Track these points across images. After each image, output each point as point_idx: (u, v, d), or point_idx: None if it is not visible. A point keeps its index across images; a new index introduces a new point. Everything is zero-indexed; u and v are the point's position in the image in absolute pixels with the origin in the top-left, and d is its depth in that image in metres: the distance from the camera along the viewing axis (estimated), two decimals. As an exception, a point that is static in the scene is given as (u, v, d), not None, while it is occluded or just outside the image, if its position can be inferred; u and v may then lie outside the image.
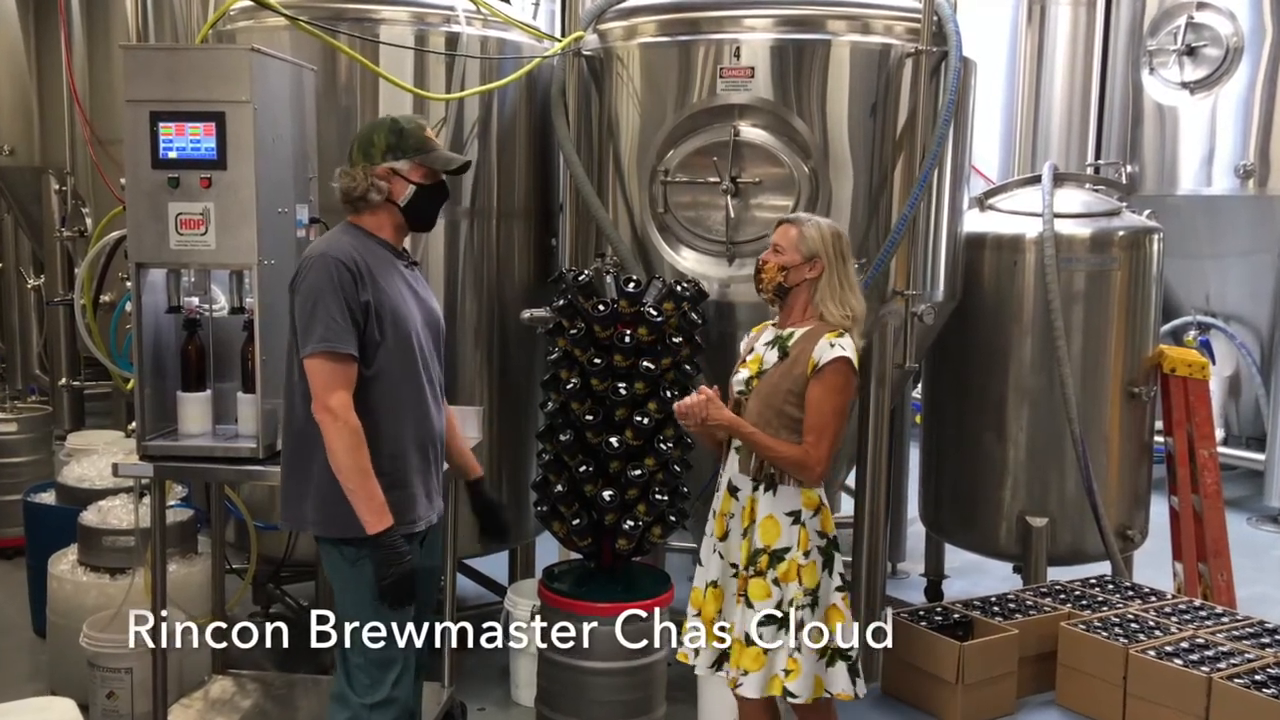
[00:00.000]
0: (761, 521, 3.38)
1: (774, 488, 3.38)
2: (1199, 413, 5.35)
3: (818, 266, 3.42)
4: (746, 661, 3.34)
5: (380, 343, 3.12)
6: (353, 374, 3.08)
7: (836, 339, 3.34)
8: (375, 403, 3.14)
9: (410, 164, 3.22)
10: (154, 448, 3.73)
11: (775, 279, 3.45)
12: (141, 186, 3.60)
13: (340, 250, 3.12)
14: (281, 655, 4.77)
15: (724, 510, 3.49)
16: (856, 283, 3.48)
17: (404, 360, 3.18)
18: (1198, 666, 3.74)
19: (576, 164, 4.68)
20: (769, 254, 3.48)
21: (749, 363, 3.51)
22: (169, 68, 3.58)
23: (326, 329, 3.04)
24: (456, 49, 4.69)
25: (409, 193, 3.23)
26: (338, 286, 3.05)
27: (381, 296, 3.12)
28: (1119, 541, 5.21)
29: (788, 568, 3.34)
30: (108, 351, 5.03)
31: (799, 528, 3.36)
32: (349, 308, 3.06)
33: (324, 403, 3.04)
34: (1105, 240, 5.19)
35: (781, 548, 3.35)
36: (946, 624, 4.21)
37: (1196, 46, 7.59)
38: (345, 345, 3.05)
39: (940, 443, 5.57)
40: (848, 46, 4.37)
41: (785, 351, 3.41)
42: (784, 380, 3.37)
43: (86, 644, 4.23)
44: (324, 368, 3.05)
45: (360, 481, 3.04)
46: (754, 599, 3.35)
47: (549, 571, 4.25)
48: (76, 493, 5.09)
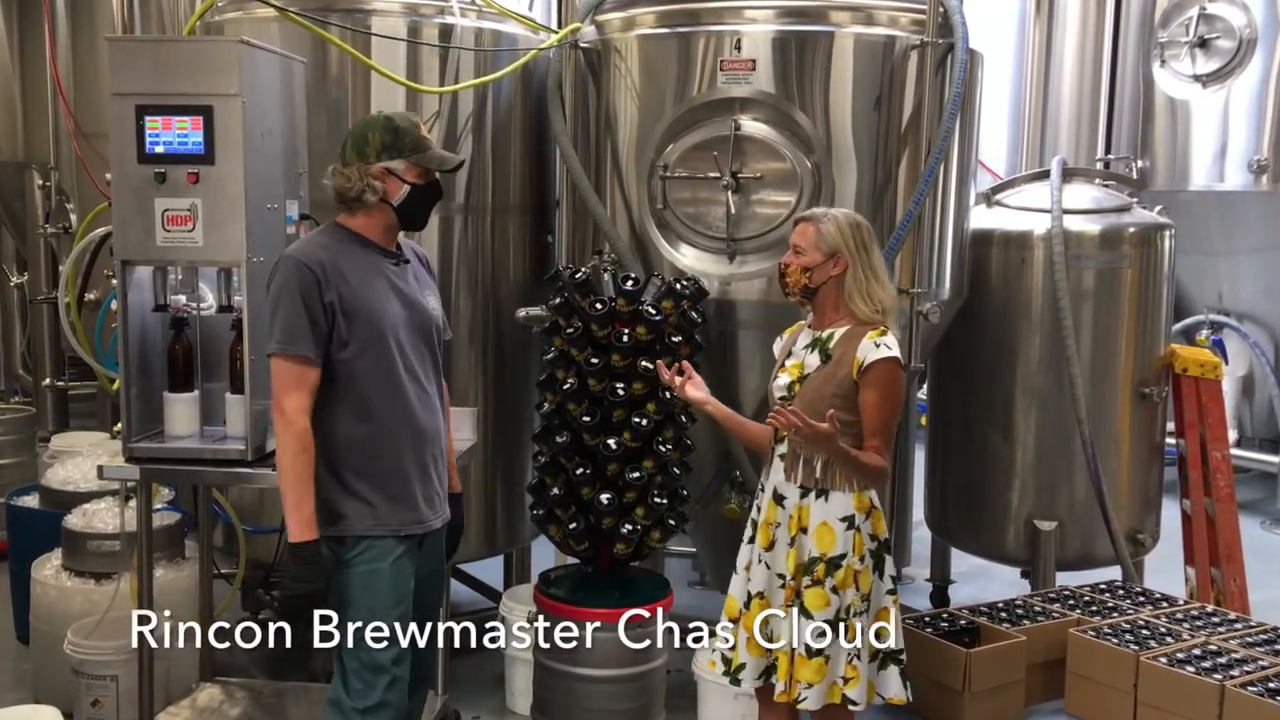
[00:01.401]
0: (816, 529, 3.37)
1: (825, 494, 3.38)
2: (1211, 414, 5.35)
3: (841, 263, 3.40)
4: (808, 674, 3.33)
5: (348, 342, 3.15)
6: (309, 376, 3.12)
7: (880, 338, 3.35)
8: (350, 403, 3.17)
9: (405, 163, 3.23)
10: (140, 450, 3.73)
11: (800, 281, 3.44)
12: (127, 182, 3.60)
13: (305, 252, 3.17)
14: (270, 662, 4.78)
15: (769, 519, 3.48)
16: (884, 272, 3.46)
17: (378, 360, 3.19)
18: (1210, 674, 3.75)
19: (573, 159, 4.68)
20: (790, 256, 3.46)
21: (789, 368, 3.50)
22: (155, 60, 3.58)
23: (283, 330, 3.11)
24: (450, 41, 4.69)
25: (403, 193, 3.24)
26: (297, 289, 3.11)
27: (351, 296, 3.15)
28: (1129, 546, 5.21)
29: (845, 574, 3.34)
30: (93, 351, 5.03)
31: (854, 533, 3.36)
32: (308, 309, 3.10)
33: (278, 403, 3.11)
34: (1115, 237, 5.19)
35: (838, 554, 3.35)
36: (953, 630, 4.22)
37: (1209, 38, 7.58)
38: (300, 347, 3.10)
39: (946, 444, 5.57)
40: (851, 38, 4.37)
41: (827, 354, 3.41)
42: (828, 384, 3.37)
43: (71, 651, 4.23)
44: (279, 368, 3.12)
45: (293, 487, 3.09)
46: (812, 608, 3.34)
47: (545, 576, 4.26)
48: (60, 496, 5.08)
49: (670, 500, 4.13)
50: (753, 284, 4.42)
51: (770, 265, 4.37)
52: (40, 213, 7.61)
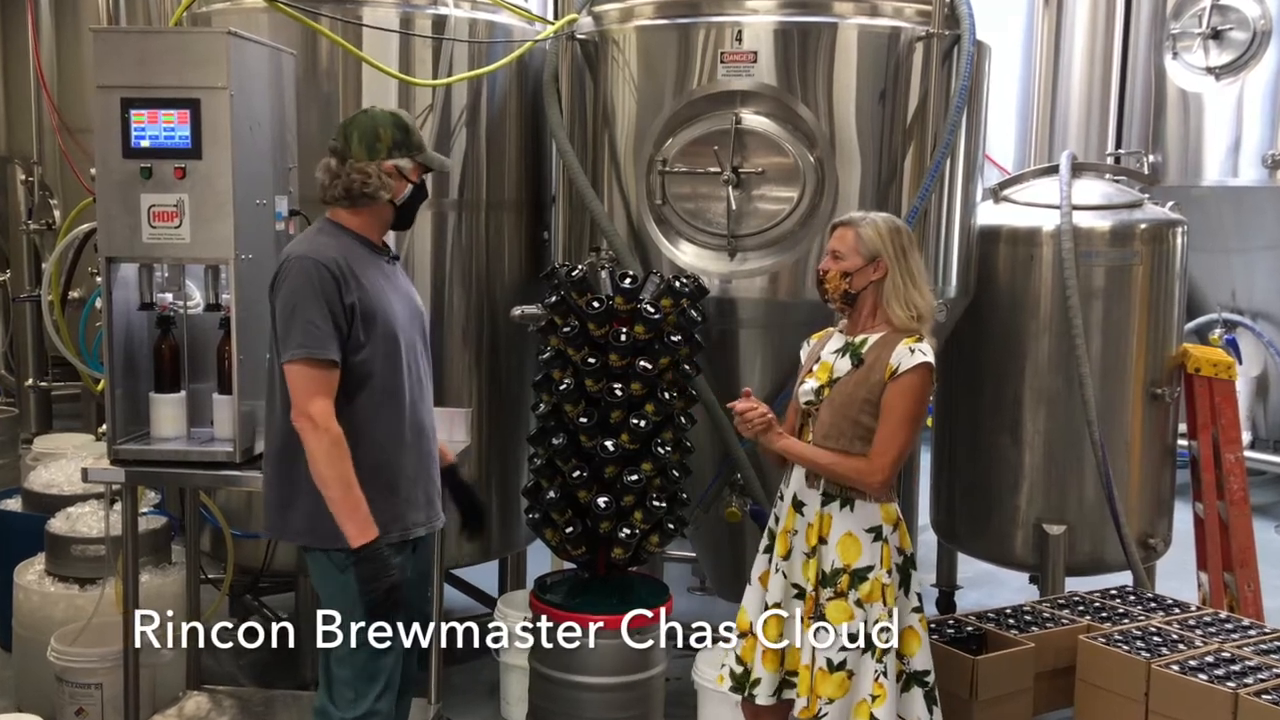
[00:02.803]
0: (840, 539, 3.36)
1: (850, 503, 3.37)
2: (1225, 415, 5.35)
3: (881, 267, 3.40)
4: (829, 689, 3.32)
5: (365, 344, 3.14)
6: (333, 380, 3.09)
7: (916, 344, 3.34)
8: (363, 407, 3.16)
9: (413, 163, 3.25)
10: (126, 452, 3.73)
11: (840, 287, 3.44)
12: (112, 177, 3.60)
13: (321, 252, 3.13)
14: (259, 670, 4.78)
15: (788, 527, 3.48)
16: (923, 277, 3.46)
17: (391, 363, 3.20)
18: (1224, 682, 3.74)
19: (570, 153, 4.68)
20: (829, 262, 3.46)
21: (816, 372, 3.49)
22: (141, 52, 3.58)
23: (306, 334, 3.06)
24: (444, 32, 4.69)
25: (407, 192, 3.27)
26: (319, 290, 3.07)
27: (366, 298, 3.15)
28: (1141, 550, 5.21)
29: (871, 588, 3.33)
30: (77, 351, 5.03)
31: (881, 544, 3.35)
32: (330, 312, 3.08)
33: (304, 410, 3.06)
34: (1126, 233, 5.19)
35: (864, 566, 3.34)
36: (959, 637, 4.22)
37: (1222, 30, 7.59)
38: (326, 351, 3.07)
39: (952, 446, 5.57)
40: (855, 29, 4.37)
41: (859, 359, 3.40)
42: (860, 389, 3.36)
43: (55, 658, 4.23)
44: (304, 374, 3.07)
45: (343, 492, 3.06)
46: (834, 621, 3.33)
47: (541, 582, 4.25)
48: (44, 499, 5.07)
49: (669, 504, 4.13)
50: (754, 282, 4.41)
51: (772, 262, 4.38)
52: (23, 208, 7.62)
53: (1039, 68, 9.13)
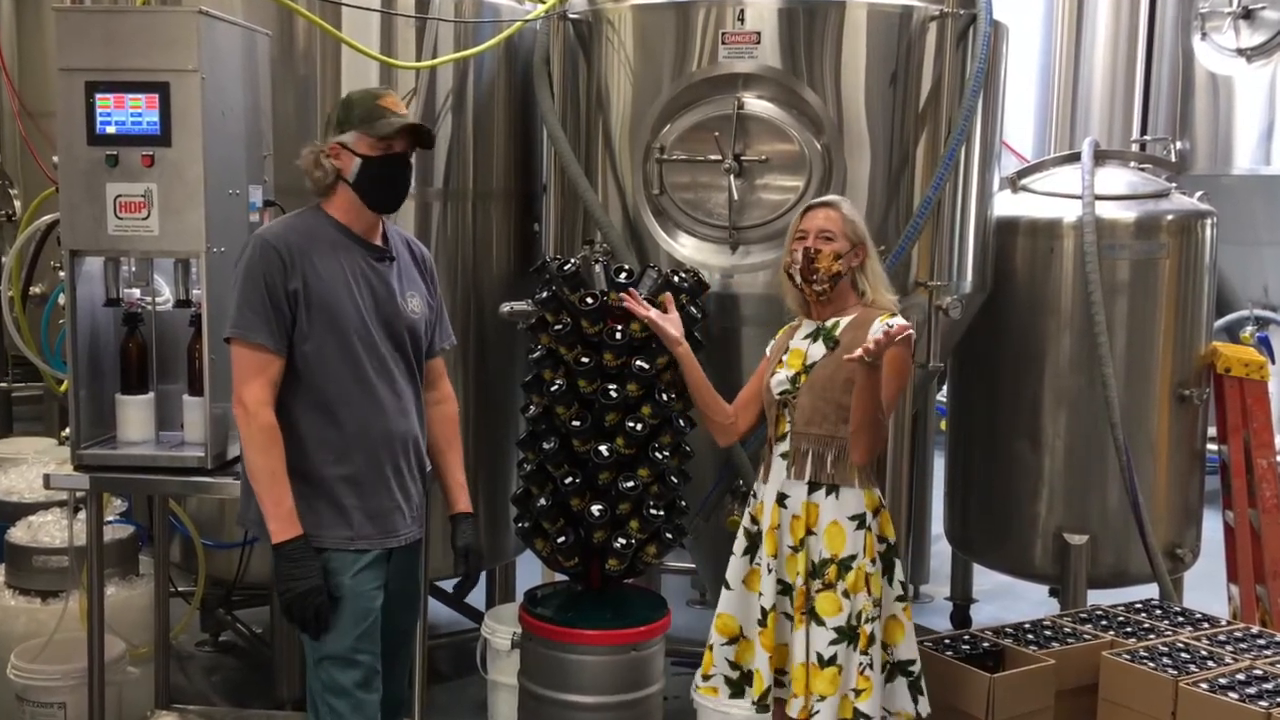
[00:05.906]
0: (826, 529, 3.45)
1: (835, 490, 3.46)
2: (1257, 417, 5.36)
3: (863, 250, 3.55)
4: (821, 686, 3.38)
5: (309, 335, 3.19)
6: (269, 365, 3.15)
7: (891, 319, 3.45)
8: (314, 400, 3.21)
9: (356, 135, 3.26)
10: (90, 457, 3.73)
11: (833, 269, 3.52)
12: (76, 165, 3.61)
13: (275, 234, 3.22)
14: (231, 688, 4.78)
15: (775, 523, 3.55)
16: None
17: (342, 357, 3.23)
18: (1255, 701, 3.75)
19: (562, 140, 4.69)
20: (819, 242, 3.53)
21: (787, 361, 3.59)
22: (107, 32, 3.59)
23: (240, 314, 3.15)
24: (428, 11, 4.70)
25: (355, 166, 3.26)
26: (261, 272, 3.15)
27: (318, 286, 3.19)
28: (1167, 561, 5.22)
29: (856, 577, 3.40)
30: (39, 350, 5.02)
31: (864, 532, 3.43)
32: (270, 295, 3.14)
33: (237, 394, 3.15)
34: (1152, 225, 5.20)
35: (848, 555, 3.42)
36: (975, 654, 4.23)
37: (1254, 9, 7.60)
38: (254, 334, 3.14)
39: (968, 451, 5.58)
40: (864, 8, 4.37)
41: (834, 341, 3.50)
42: (840, 369, 3.44)
43: (15, 676, 4.24)
44: (237, 354, 3.17)
45: (268, 484, 3.12)
46: (824, 615, 3.41)
47: (531, 595, 4.25)
48: (4, 507, 5.08)
49: (667, 512, 4.12)
50: (757, 276, 4.42)
51: (775, 256, 4.36)
52: (-19, 199, 7.60)
53: (1059, 49, 9.14)
